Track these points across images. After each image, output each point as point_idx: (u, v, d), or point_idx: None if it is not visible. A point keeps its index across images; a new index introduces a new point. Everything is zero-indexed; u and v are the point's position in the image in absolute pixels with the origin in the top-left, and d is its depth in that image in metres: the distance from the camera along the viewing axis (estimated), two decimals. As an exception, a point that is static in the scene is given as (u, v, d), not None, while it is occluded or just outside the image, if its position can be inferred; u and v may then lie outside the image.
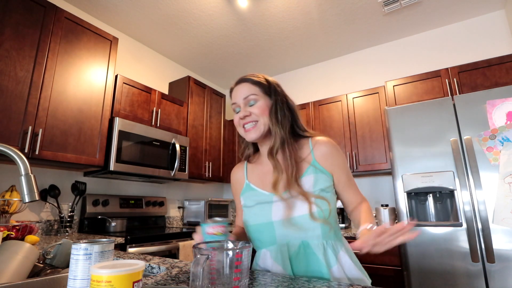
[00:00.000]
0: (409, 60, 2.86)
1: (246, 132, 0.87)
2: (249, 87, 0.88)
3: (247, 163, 0.98)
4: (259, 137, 0.86)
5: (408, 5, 2.45)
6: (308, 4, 2.42)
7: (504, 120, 1.63)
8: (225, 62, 3.37)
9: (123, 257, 1.02)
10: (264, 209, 0.82)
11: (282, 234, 0.79)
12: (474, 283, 1.59)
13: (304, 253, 0.77)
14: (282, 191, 0.81)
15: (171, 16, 2.56)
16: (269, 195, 0.84)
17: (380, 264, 1.98)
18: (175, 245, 2.06)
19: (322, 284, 0.65)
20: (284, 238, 0.79)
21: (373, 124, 2.57)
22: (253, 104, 0.86)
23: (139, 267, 0.42)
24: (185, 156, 2.64)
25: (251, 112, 0.85)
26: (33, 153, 1.69)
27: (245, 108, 0.86)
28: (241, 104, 0.87)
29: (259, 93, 0.87)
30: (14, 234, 1.02)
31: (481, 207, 1.63)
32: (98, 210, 2.25)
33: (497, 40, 2.48)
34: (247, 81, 0.89)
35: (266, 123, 0.85)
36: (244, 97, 0.87)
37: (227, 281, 0.48)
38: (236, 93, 0.89)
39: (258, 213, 0.83)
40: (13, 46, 1.68)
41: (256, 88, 0.87)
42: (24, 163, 0.71)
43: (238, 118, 0.88)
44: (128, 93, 2.34)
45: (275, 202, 0.82)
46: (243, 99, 0.87)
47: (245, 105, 0.87)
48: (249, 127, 0.86)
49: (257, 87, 0.88)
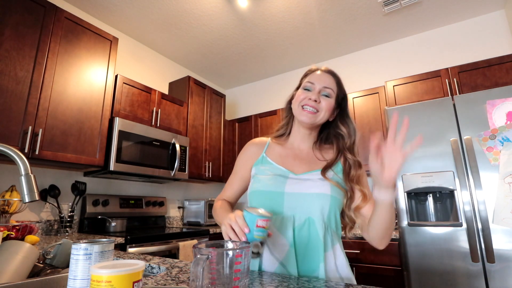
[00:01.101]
0: (409, 60, 2.86)
1: (303, 112, 0.87)
2: (332, 82, 0.90)
3: (269, 142, 0.99)
4: (310, 125, 0.90)
5: (408, 5, 2.45)
6: (308, 4, 2.42)
7: (504, 120, 1.63)
8: (225, 62, 3.37)
9: (123, 257, 1.02)
10: (278, 180, 0.85)
11: (290, 207, 0.81)
12: (474, 283, 1.59)
13: (308, 228, 0.79)
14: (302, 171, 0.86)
15: (171, 16, 2.56)
16: (286, 171, 0.87)
17: (380, 264, 1.98)
18: (175, 245, 2.06)
19: (322, 284, 0.65)
20: (291, 211, 0.81)
21: (373, 124, 2.57)
22: (326, 96, 0.88)
23: (139, 267, 0.42)
24: (185, 156, 2.64)
25: (321, 101, 0.87)
26: (33, 153, 1.69)
27: (318, 94, 0.88)
28: (317, 88, 0.88)
29: (335, 93, 0.90)
30: (14, 234, 1.02)
31: (481, 207, 1.63)
32: (98, 210, 2.25)
33: (497, 40, 2.48)
34: (334, 76, 0.92)
35: (324, 120, 0.89)
36: (325, 86, 0.89)
37: (227, 281, 0.48)
38: (320, 78, 0.90)
39: (271, 182, 0.85)
40: (13, 46, 1.68)
41: (336, 88, 0.91)
42: (24, 163, 0.71)
43: (305, 96, 0.89)
44: (128, 93, 2.34)
45: (290, 178, 0.85)
46: (323, 87, 0.88)
47: (319, 92, 0.88)
48: (310, 110, 0.87)
49: (337, 87, 0.91)
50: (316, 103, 0.86)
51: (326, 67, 0.94)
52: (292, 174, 0.86)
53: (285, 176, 0.85)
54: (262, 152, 0.95)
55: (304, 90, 0.90)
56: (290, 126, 0.99)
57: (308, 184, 0.83)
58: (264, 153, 0.94)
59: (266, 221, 0.64)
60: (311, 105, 0.86)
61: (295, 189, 0.82)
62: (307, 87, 0.90)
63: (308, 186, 0.82)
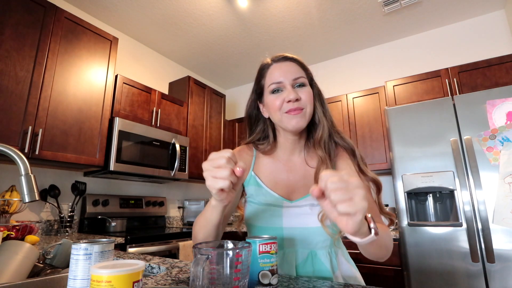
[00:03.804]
0: (409, 60, 2.86)
1: (293, 117, 0.72)
2: (298, 69, 0.77)
3: (256, 152, 0.85)
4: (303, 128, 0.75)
5: (408, 5, 2.45)
6: (308, 4, 2.42)
7: (504, 120, 1.63)
8: (225, 62, 3.37)
9: (123, 257, 1.02)
10: (273, 213, 0.76)
11: (291, 242, 0.75)
12: (474, 283, 1.59)
13: (311, 262, 0.74)
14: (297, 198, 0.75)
15: (171, 16, 2.56)
16: (279, 198, 0.76)
17: (380, 264, 1.98)
18: (175, 245, 2.06)
19: (322, 284, 0.65)
20: (293, 245, 0.75)
21: (373, 124, 2.57)
22: (301, 86, 0.75)
23: (139, 267, 0.42)
24: (185, 156, 2.64)
25: (301, 96, 0.73)
26: (33, 153, 1.69)
27: (294, 90, 0.73)
28: (288, 84, 0.74)
29: (306, 77, 0.77)
30: (14, 234, 1.03)
31: (481, 207, 1.63)
32: (98, 210, 2.25)
33: (497, 40, 2.48)
34: (294, 61, 0.78)
35: (310, 114, 0.75)
36: (294, 78, 0.74)
37: (227, 281, 0.48)
38: (282, 71, 0.75)
39: (267, 215, 0.76)
40: (13, 46, 1.68)
41: (304, 73, 0.77)
42: (24, 163, 0.71)
43: (282, 100, 0.73)
44: (128, 93, 2.34)
45: (285, 207, 0.76)
46: (292, 80, 0.74)
47: (293, 87, 0.74)
48: (296, 113, 0.72)
49: (303, 71, 0.78)
50: (298, 102, 0.72)
51: (279, 54, 0.79)
52: (287, 202, 0.76)
53: (280, 206, 0.76)
54: (250, 169, 0.81)
55: (273, 94, 0.75)
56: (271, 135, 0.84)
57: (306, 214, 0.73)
58: (252, 170, 0.81)
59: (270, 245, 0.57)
60: (294, 107, 0.72)
61: (293, 223, 0.74)
62: (275, 88, 0.75)
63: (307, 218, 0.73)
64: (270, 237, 0.59)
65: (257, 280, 0.56)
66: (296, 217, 0.74)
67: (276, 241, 0.59)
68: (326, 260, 0.73)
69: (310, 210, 0.73)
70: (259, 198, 0.78)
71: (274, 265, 0.57)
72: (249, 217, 0.80)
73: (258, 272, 0.56)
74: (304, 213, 0.74)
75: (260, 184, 0.79)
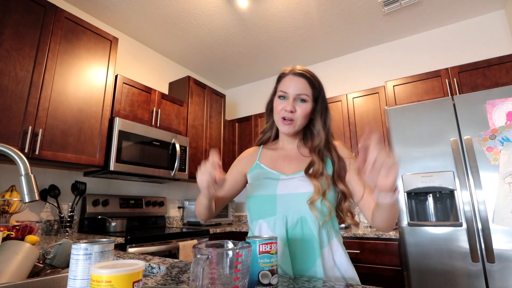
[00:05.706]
0: (409, 60, 2.86)
1: (283, 123, 0.90)
2: (305, 86, 0.89)
3: (262, 148, 1.02)
4: (293, 133, 0.92)
5: (408, 5, 2.45)
6: (308, 4, 2.42)
7: (504, 120, 1.63)
8: (225, 62, 3.37)
9: (123, 257, 1.02)
10: (269, 184, 0.88)
11: (283, 208, 0.84)
12: (474, 283, 1.59)
13: (300, 227, 0.81)
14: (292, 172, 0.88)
15: (171, 16, 2.56)
16: (276, 173, 0.90)
17: (380, 264, 1.98)
18: (175, 245, 2.06)
19: (322, 284, 0.65)
20: (284, 211, 0.84)
21: (373, 124, 2.57)
22: (302, 101, 0.89)
23: (139, 267, 0.42)
24: (185, 156, 2.64)
25: (296, 110, 0.88)
26: (33, 153, 1.69)
27: (293, 103, 0.88)
28: (291, 97, 0.89)
29: (310, 96, 0.90)
30: (14, 234, 1.02)
31: (481, 207, 1.63)
32: (98, 210, 2.25)
33: (497, 40, 2.48)
34: (306, 78, 0.90)
35: (302, 125, 0.91)
36: (298, 93, 0.88)
37: (227, 281, 0.48)
38: (291, 85, 0.89)
39: (263, 186, 0.89)
40: (13, 46, 1.68)
41: (310, 90, 0.90)
42: (24, 163, 0.71)
43: (282, 107, 0.89)
44: (128, 93, 2.34)
45: (281, 180, 0.88)
46: (296, 94, 0.88)
47: (294, 100, 0.89)
48: (287, 121, 0.89)
49: (311, 89, 0.90)
50: (292, 114, 0.88)
51: (298, 69, 0.92)
52: (283, 175, 0.88)
53: (277, 179, 0.88)
54: (256, 159, 0.98)
55: (279, 99, 0.91)
56: (275, 129, 1.01)
57: (298, 183, 0.85)
58: (258, 160, 0.98)
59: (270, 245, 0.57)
60: (288, 116, 0.88)
61: (286, 190, 0.85)
62: (281, 95, 0.91)
63: (298, 186, 0.85)
64: (270, 237, 0.60)
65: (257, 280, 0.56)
66: (289, 186, 0.86)
67: (276, 241, 0.60)
68: (314, 227, 0.81)
69: (301, 181, 0.85)
70: (260, 176, 0.93)
71: (274, 265, 0.58)
72: (249, 195, 0.93)
73: (258, 272, 0.56)
74: (296, 183, 0.86)
75: (263, 166, 0.95)
